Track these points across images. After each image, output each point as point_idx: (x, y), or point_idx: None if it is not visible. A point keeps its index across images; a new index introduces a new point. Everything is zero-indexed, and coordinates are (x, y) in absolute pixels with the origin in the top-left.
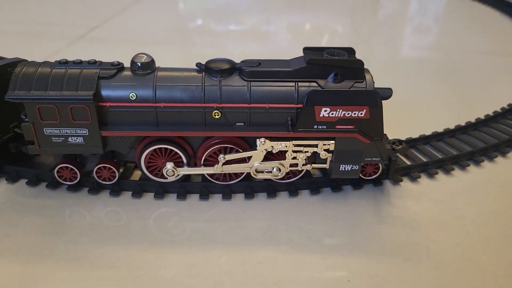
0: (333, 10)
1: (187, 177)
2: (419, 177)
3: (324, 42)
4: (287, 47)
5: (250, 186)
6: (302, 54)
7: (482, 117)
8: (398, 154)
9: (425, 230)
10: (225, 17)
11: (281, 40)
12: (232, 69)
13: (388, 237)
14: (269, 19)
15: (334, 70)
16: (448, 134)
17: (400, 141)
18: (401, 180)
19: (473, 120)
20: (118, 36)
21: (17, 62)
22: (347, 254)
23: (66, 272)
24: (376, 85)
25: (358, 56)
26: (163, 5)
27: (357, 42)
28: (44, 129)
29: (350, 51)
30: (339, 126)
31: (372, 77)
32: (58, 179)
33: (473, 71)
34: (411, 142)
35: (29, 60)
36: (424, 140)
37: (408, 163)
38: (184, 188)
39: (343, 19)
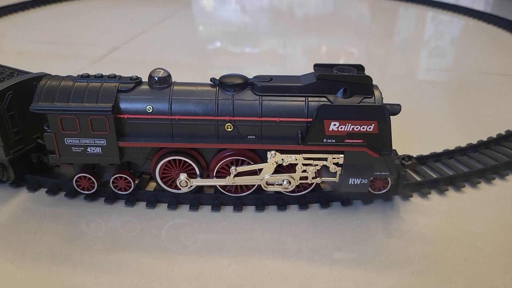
0: (349, 34)
1: (199, 189)
2: (429, 193)
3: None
4: (302, 69)
5: (261, 199)
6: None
7: (494, 136)
8: (407, 169)
9: (434, 244)
10: (243, 40)
11: (297, 62)
12: (245, 84)
13: (396, 251)
14: (286, 42)
15: (343, 86)
16: (459, 152)
17: (409, 157)
18: (411, 196)
19: (485, 139)
20: (138, 56)
21: (41, 76)
22: (354, 266)
23: (81, 277)
24: (386, 102)
25: (372, 77)
26: (182, 28)
27: (372, 65)
28: (65, 139)
29: (360, 68)
30: (348, 140)
31: (380, 93)
32: (77, 188)
33: (486, 91)
34: (422, 159)
35: (53, 75)
36: (435, 157)
37: (419, 179)
38: (196, 199)
39: (359, 43)
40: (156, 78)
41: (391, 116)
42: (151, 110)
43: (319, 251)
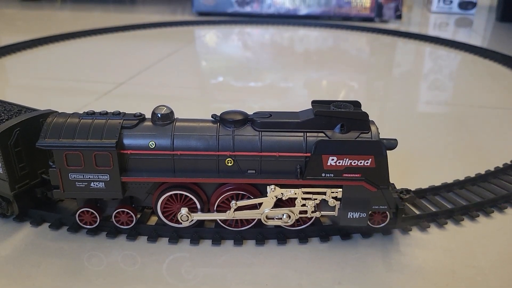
0: (349, 68)
1: (200, 223)
2: (429, 226)
3: (340, 97)
4: (303, 102)
5: (261, 233)
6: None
7: (492, 169)
8: (406, 203)
9: (434, 278)
10: (245, 75)
11: (298, 95)
12: (245, 120)
13: (396, 285)
14: (287, 76)
15: (340, 122)
16: (457, 185)
17: (408, 191)
18: (410, 229)
19: (482, 172)
20: (143, 91)
21: (48, 113)
22: None
23: None
24: (385, 136)
25: (372, 110)
26: (186, 63)
27: (372, 98)
28: (69, 175)
29: (356, 104)
30: (346, 175)
31: (377, 128)
32: (79, 222)
33: (484, 124)
34: (421, 193)
35: (60, 112)
36: (434, 190)
37: (418, 212)
38: (197, 233)
39: (358, 77)
40: (159, 115)
41: (388, 151)
42: (153, 146)
43: (319, 286)
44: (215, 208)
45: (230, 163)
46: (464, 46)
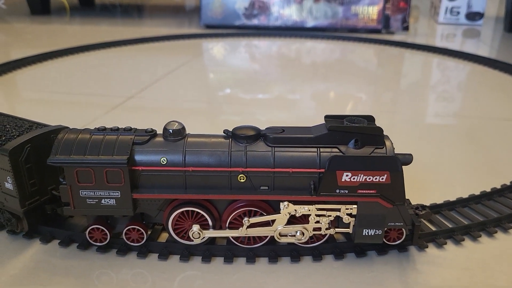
0: (357, 79)
1: (212, 240)
2: (445, 243)
3: (348, 109)
4: (311, 114)
5: (274, 250)
6: (323, 122)
7: (507, 183)
8: (421, 219)
9: None
10: (253, 87)
11: (306, 107)
12: (257, 135)
13: None
14: (295, 88)
15: (354, 137)
16: (473, 200)
17: (423, 207)
18: (427, 246)
19: (498, 186)
20: (152, 105)
21: (59, 129)
22: None
23: None
24: (398, 151)
25: (380, 122)
26: (194, 76)
27: (380, 110)
28: (80, 191)
29: (370, 118)
30: (361, 191)
31: (392, 143)
32: (89, 240)
33: (496, 137)
34: (436, 208)
35: (71, 127)
36: (449, 205)
37: (433, 229)
38: (209, 250)
39: (366, 88)
40: (171, 131)
41: (403, 166)
42: (165, 162)
43: None
44: (227, 225)
45: (243, 179)
46: (473, 57)
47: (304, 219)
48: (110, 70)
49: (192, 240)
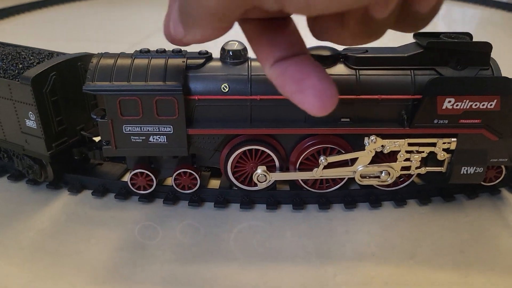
0: None
1: (273, 186)
2: None
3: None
4: None
5: (349, 195)
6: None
7: None
8: None
9: None
10: None
11: None
12: (337, 56)
13: None
14: None
15: (454, 56)
16: None
17: None
18: None
19: None
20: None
21: (88, 55)
22: (487, 271)
23: None
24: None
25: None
26: None
27: None
28: (124, 127)
29: (468, 36)
30: (463, 121)
31: (497, 63)
32: (131, 187)
33: None
34: None
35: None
36: None
37: None
38: (273, 197)
39: None
40: (231, 52)
41: None
42: (226, 90)
43: (438, 255)
44: (297, 166)
45: None
46: None
47: (390, 157)
48: (110, 19)
49: (255, 185)
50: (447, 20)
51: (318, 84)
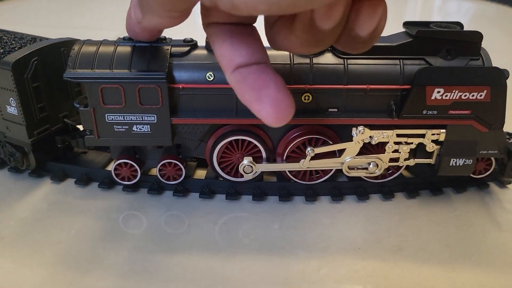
0: None
1: (260, 177)
2: None
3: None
4: None
5: (337, 187)
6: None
7: None
8: None
9: None
10: None
11: None
12: None
13: None
14: None
15: (444, 45)
16: None
17: None
18: (510, 182)
19: None
20: None
21: (71, 41)
22: (473, 267)
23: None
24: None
25: None
26: None
27: None
28: (106, 116)
29: (458, 25)
30: (452, 111)
31: (487, 53)
32: (115, 177)
33: None
34: None
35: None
36: None
37: None
38: (259, 188)
39: None
40: None
41: None
42: (211, 78)
43: (424, 249)
44: (284, 158)
45: (308, 99)
46: None
47: (378, 148)
48: (97, 6)
49: (242, 176)
50: (443, 13)
51: (276, 94)
